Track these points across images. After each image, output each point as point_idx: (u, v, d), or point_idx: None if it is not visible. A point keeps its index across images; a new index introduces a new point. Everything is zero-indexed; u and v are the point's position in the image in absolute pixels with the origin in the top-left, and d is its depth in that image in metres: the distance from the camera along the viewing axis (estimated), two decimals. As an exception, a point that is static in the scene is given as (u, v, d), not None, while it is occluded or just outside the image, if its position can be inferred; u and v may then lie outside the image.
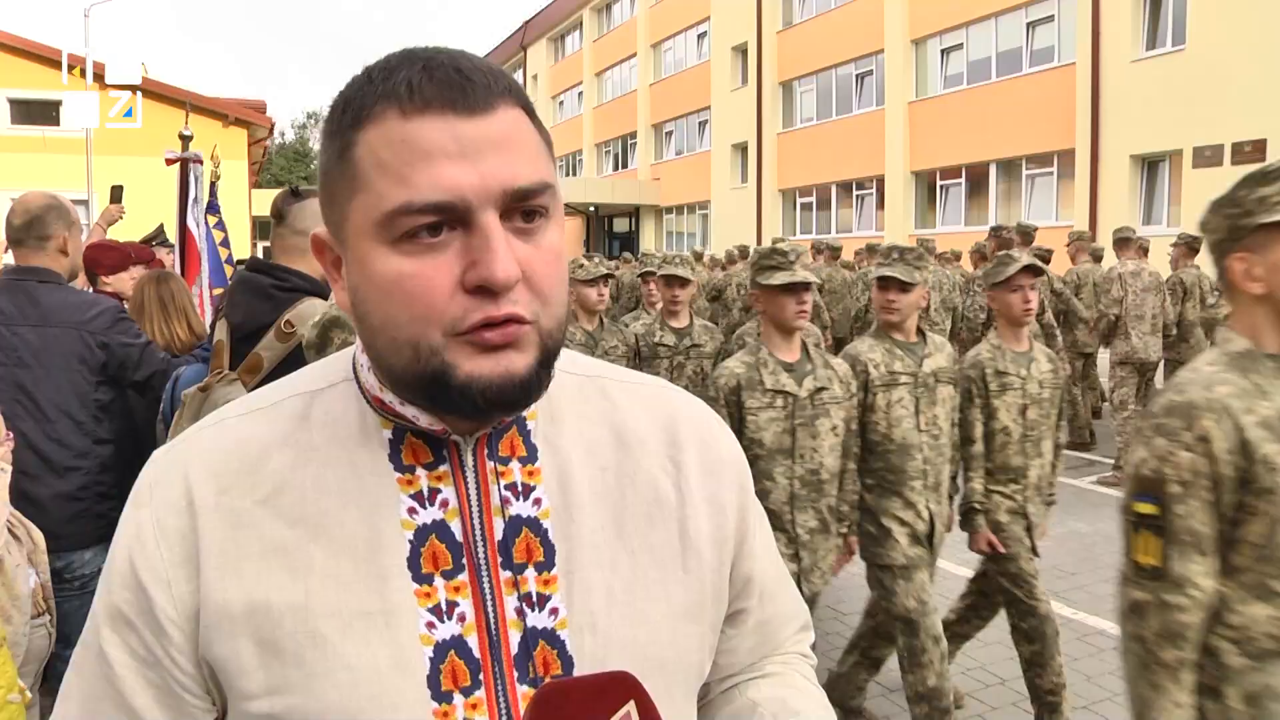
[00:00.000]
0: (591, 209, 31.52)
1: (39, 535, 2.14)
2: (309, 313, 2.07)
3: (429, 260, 0.64)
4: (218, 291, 4.39)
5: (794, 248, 2.89)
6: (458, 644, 0.68)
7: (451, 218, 0.63)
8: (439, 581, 0.69)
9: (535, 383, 0.67)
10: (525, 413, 0.75)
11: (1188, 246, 7.72)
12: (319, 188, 0.71)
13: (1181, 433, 1.41)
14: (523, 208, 0.65)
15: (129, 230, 5.84)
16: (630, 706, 0.65)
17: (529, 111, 0.68)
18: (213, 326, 2.35)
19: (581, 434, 0.77)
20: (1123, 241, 7.32)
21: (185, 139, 4.65)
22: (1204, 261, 8.87)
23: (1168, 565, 1.41)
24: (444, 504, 0.71)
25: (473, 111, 0.64)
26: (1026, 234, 8.11)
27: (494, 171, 0.63)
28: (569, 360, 0.80)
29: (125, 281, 3.62)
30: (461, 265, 0.63)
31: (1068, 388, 8.25)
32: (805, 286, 2.81)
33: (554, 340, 0.68)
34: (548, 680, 0.68)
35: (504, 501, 0.72)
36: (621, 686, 0.65)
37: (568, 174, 37.54)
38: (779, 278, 2.81)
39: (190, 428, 0.76)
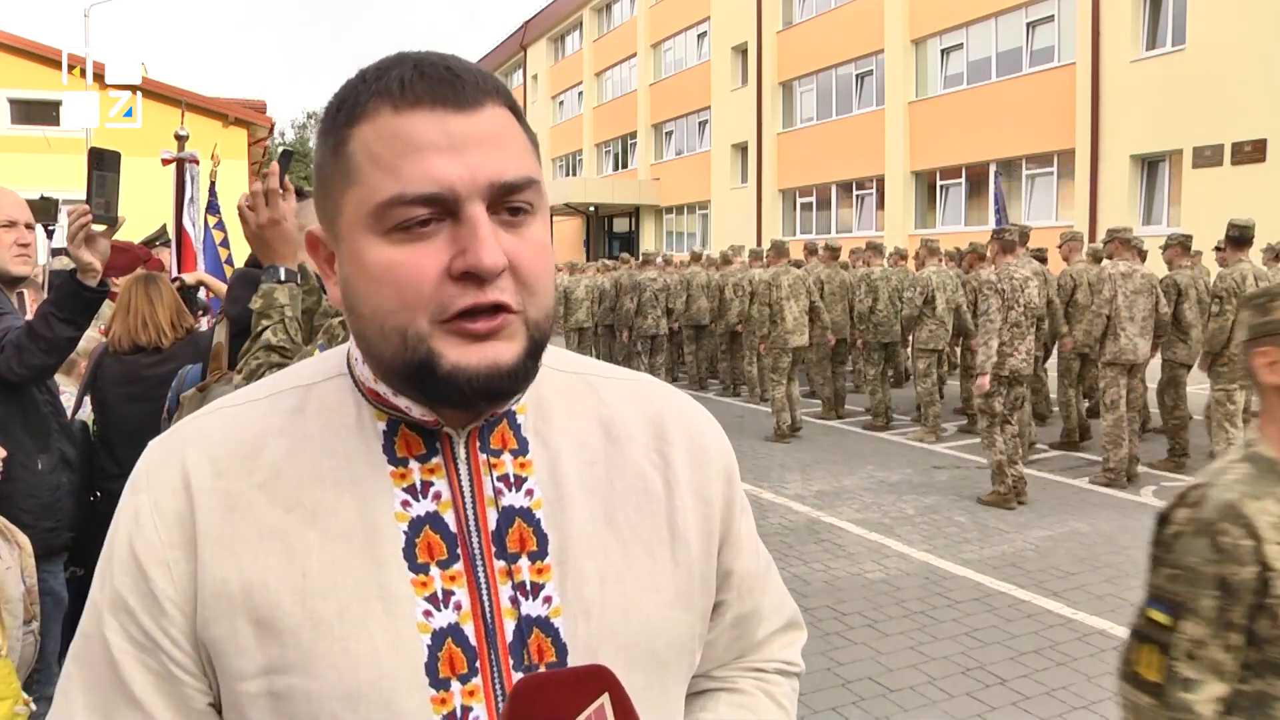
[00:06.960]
0: (591, 209, 31.53)
1: (25, 540, 2.13)
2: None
3: (418, 249, 0.66)
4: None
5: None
6: (454, 632, 0.69)
7: (441, 209, 0.66)
8: (435, 571, 0.70)
9: (522, 372, 0.69)
10: (515, 406, 0.77)
11: (1181, 246, 7.67)
12: (314, 186, 0.73)
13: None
14: (509, 202, 0.67)
15: (130, 231, 5.85)
16: (604, 699, 0.66)
17: (516, 112, 0.71)
18: (213, 329, 2.36)
19: (570, 428, 0.78)
20: (1120, 242, 7.25)
21: (180, 139, 4.65)
22: (1199, 261, 8.73)
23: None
24: (437, 496, 0.72)
25: (461, 107, 0.66)
26: (1023, 235, 8.04)
27: (481, 165, 0.66)
28: (556, 357, 0.81)
29: None
30: (450, 254, 0.66)
31: (1063, 389, 8.25)
32: None
33: (541, 331, 0.70)
34: (523, 676, 0.68)
35: (497, 493, 0.73)
36: (597, 680, 0.66)
37: (567, 174, 37.54)
38: None
39: (186, 417, 0.78)
